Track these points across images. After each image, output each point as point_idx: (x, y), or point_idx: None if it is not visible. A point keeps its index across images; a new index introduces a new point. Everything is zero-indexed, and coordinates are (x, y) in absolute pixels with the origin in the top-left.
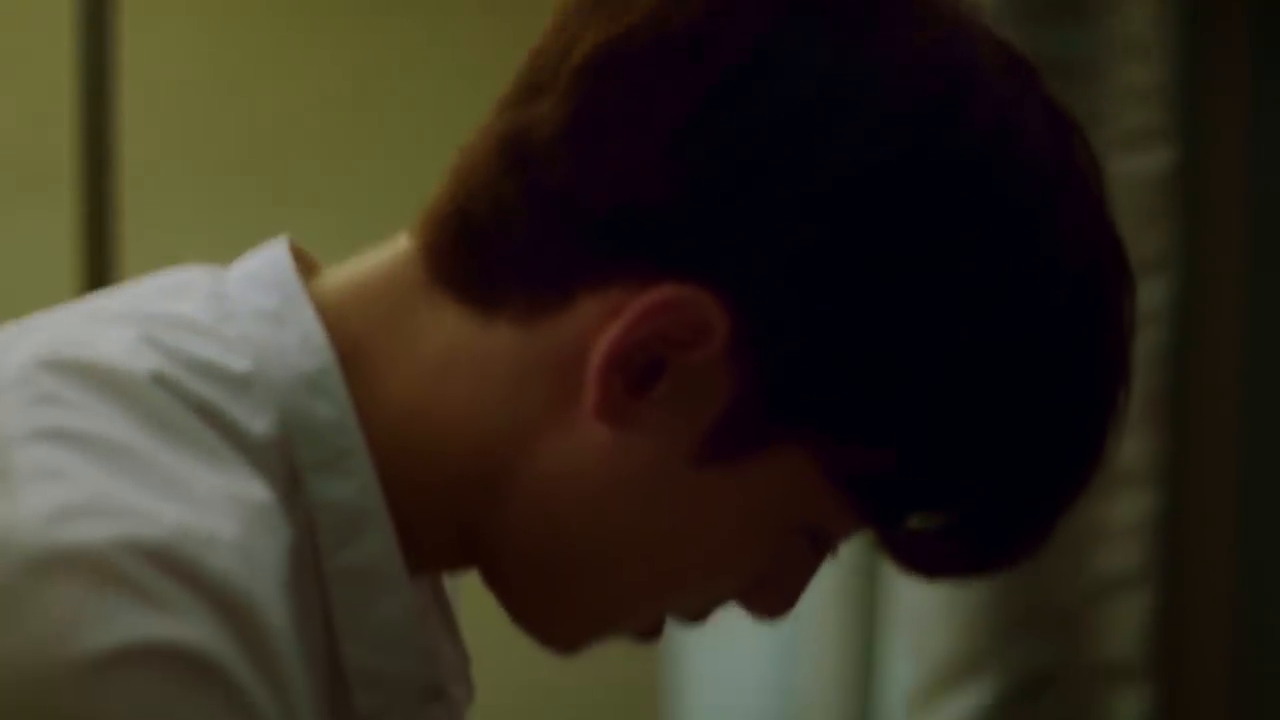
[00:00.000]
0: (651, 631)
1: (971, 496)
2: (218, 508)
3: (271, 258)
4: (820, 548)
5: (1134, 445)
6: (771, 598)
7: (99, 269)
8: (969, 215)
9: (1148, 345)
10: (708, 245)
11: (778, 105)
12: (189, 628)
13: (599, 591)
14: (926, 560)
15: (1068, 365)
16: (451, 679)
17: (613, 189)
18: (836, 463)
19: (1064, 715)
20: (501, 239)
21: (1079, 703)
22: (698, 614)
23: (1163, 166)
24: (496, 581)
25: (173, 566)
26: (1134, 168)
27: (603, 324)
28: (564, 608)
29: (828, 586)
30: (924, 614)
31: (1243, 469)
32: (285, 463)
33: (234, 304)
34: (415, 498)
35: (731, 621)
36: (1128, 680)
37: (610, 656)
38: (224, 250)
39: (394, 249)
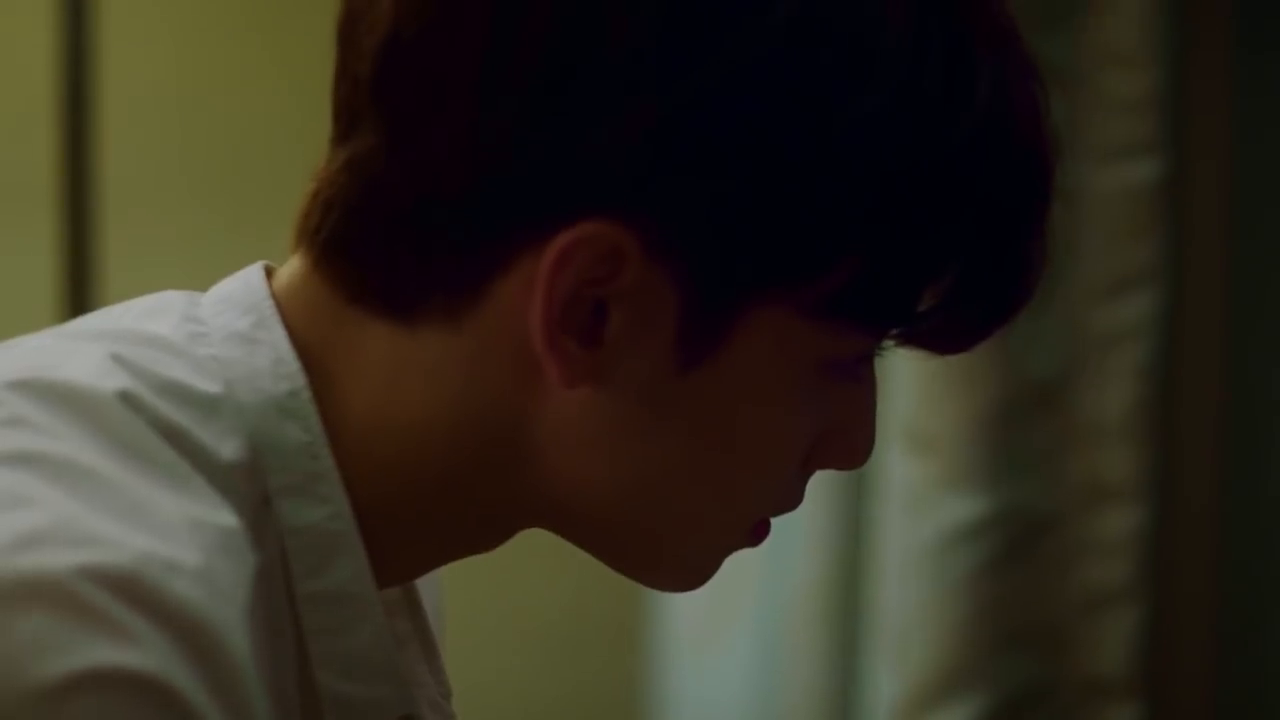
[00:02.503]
0: (756, 535)
1: (954, 255)
2: (181, 534)
3: (246, 280)
4: (859, 373)
5: (1120, 459)
6: (845, 445)
7: (79, 288)
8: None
9: (1135, 358)
10: (569, 179)
11: (553, 20)
12: (148, 655)
13: (670, 528)
14: (952, 335)
15: (967, 78)
16: (429, 707)
17: (456, 178)
18: (810, 299)
19: None
20: (386, 263)
21: (1066, 719)
22: (786, 498)
23: (1149, 178)
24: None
25: (134, 595)
26: (1120, 179)
27: (525, 301)
28: (650, 555)
29: (808, 603)
30: (906, 630)
31: (1229, 483)
32: (255, 487)
33: (207, 325)
34: (393, 514)
35: (712, 640)
36: (1116, 696)
37: (591, 679)
38: (206, 270)
39: (295, 268)
